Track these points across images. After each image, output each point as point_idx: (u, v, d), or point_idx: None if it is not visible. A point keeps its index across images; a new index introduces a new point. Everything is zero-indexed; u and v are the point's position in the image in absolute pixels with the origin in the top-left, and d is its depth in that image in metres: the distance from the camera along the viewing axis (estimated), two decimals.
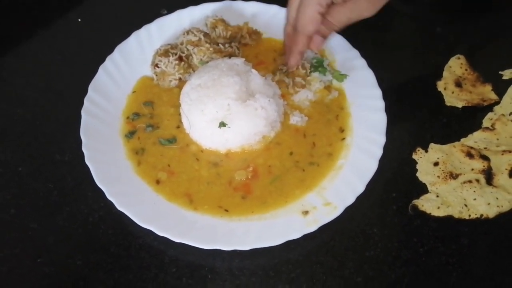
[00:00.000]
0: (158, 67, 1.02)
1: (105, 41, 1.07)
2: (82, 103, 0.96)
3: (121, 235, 0.86)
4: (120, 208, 0.84)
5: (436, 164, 0.93)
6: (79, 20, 1.19)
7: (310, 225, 0.82)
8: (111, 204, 0.85)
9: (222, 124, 0.89)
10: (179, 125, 0.97)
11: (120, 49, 1.05)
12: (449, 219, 0.86)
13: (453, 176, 0.91)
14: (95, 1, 1.23)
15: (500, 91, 1.02)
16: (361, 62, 1.02)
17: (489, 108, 1.01)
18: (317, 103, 1.00)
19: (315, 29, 0.92)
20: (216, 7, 1.12)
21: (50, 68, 1.11)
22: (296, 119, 0.96)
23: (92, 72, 1.01)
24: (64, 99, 1.04)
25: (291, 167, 0.91)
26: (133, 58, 1.05)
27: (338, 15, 0.91)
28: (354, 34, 1.05)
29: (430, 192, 0.90)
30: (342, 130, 0.95)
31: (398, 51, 1.12)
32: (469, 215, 0.87)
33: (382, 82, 0.99)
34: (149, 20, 1.10)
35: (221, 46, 1.03)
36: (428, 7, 1.22)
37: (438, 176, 0.91)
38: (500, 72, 1.05)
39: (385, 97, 0.97)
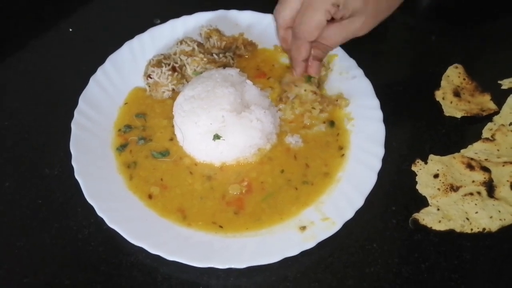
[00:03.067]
0: (150, 77, 1.00)
1: (96, 51, 1.05)
2: (73, 115, 0.93)
3: (112, 253, 0.83)
4: (111, 224, 0.80)
5: (436, 176, 0.91)
6: (70, 30, 1.17)
7: (308, 241, 0.80)
8: (101, 220, 0.82)
9: (217, 137, 0.87)
10: (172, 138, 0.94)
11: (112, 59, 1.02)
12: (450, 233, 0.84)
13: (454, 188, 0.89)
14: (87, 11, 1.21)
15: (499, 101, 1.01)
16: (358, 72, 1.00)
17: (489, 118, 0.99)
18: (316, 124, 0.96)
19: (318, 35, 0.88)
20: (210, 16, 1.10)
21: (40, 79, 1.08)
22: (290, 140, 0.94)
23: (83, 83, 0.99)
24: (54, 111, 1.01)
25: (283, 185, 0.88)
26: (125, 69, 1.03)
27: (333, 35, 0.89)
28: (350, 43, 1.04)
29: (430, 205, 0.88)
30: (341, 148, 0.93)
31: (395, 60, 1.10)
32: (471, 229, 0.84)
33: (379, 92, 0.97)
34: (142, 30, 1.08)
35: (215, 56, 1.01)
36: (424, 16, 1.21)
37: (439, 189, 0.89)
38: (499, 82, 1.04)
39: (382, 107, 0.95)
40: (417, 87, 1.05)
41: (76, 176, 0.85)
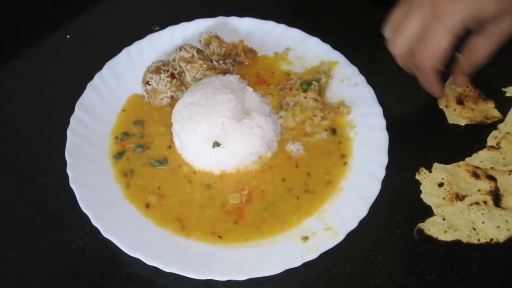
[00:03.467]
0: (149, 84, 0.98)
1: (94, 58, 1.03)
2: (69, 123, 0.91)
3: (107, 264, 0.80)
4: (106, 235, 0.78)
5: (441, 185, 0.88)
6: (68, 37, 1.16)
7: (311, 252, 0.77)
8: (97, 230, 0.79)
9: (216, 144, 0.85)
10: (171, 145, 0.92)
11: (110, 66, 1.01)
12: (457, 243, 0.81)
13: (459, 197, 0.87)
14: (85, 18, 1.20)
15: (503, 109, 0.99)
16: (360, 79, 0.98)
17: (493, 126, 0.97)
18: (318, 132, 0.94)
19: (441, 62, 0.80)
20: (210, 23, 1.09)
21: (36, 86, 1.06)
22: (292, 148, 0.91)
23: (80, 90, 0.97)
24: (50, 119, 0.99)
25: (284, 194, 0.86)
26: (123, 76, 1.01)
27: (481, 48, 0.80)
28: (351, 50, 1.03)
29: (435, 215, 0.85)
30: (343, 156, 0.90)
31: (396, 68, 1.08)
32: (478, 240, 0.82)
33: (381, 99, 0.96)
34: (141, 37, 1.06)
35: (215, 63, 1.00)
36: None
37: (444, 198, 0.87)
38: (503, 89, 1.02)
39: (385, 115, 0.93)
40: (420, 95, 1.03)
41: (71, 185, 0.83)
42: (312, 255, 0.77)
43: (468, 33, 0.79)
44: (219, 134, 0.85)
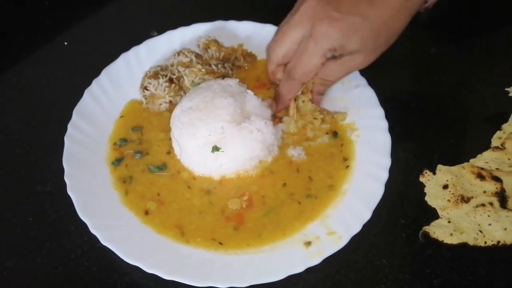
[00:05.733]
0: (147, 89, 0.97)
1: (92, 65, 1.02)
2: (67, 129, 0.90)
3: (106, 273, 0.78)
4: (104, 242, 0.76)
5: (445, 187, 0.87)
6: (66, 43, 1.15)
7: (314, 257, 0.75)
8: (95, 238, 0.78)
9: (216, 149, 0.83)
10: (170, 151, 0.91)
11: (107, 71, 1.00)
12: (463, 246, 0.80)
13: (465, 199, 0.85)
14: (82, 25, 1.19)
15: (507, 109, 0.97)
16: (361, 81, 0.97)
17: (497, 126, 0.95)
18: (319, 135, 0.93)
19: (314, 76, 0.89)
20: (208, 27, 1.08)
21: (33, 93, 1.05)
22: (293, 152, 0.90)
23: (78, 96, 0.96)
24: (47, 126, 0.98)
25: (286, 199, 0.84)
26: (121, 81, 1.00)
27: (334, 72, 0.88)
28: None
29: (441, 218, 0.83)
30: (345, 159, 0.89)
31: (397, 69, 1.07)
32: (485, 242, 0.80)
33: (382, 101, 0.94)
34: (139, 42, 1.05)
35: (213, 67, 0.98)
36: (424, 26, 1.18)
37: (449, 200, 0.85)
38: (507, 89, 1.00)
39: (387, 116, 0.91)
40: (422, 96, 1.02)
41: (69, 192, 0.81)
42: (315, 260, 0.75)
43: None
44: (218, 139, 0.84)
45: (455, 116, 0.98)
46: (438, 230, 0.81)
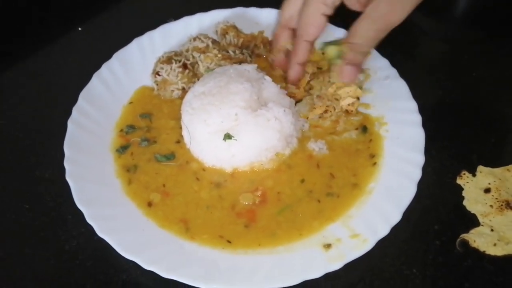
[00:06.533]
0: (159, 75, 0.90)
1: (106, 51, 0.96)
2: None
3: (101, 268, 0.71)
4: (101, 234, 0.69)
5: (487, 190, 0.76)
6: (80, 29, 1.10)
7: (334, 262, 0.66)
8: (93, 230, 0.70)
9: (228, 136, 0.76)
10: (179, 140, 0.84)
11: (119, 56, 0.94)
12: (510, 259, 0.69)
13: (511, 205, 0.75)
14: (97, 12, 1.14)
15: None
16: (392, 72, 0.88)
17: None
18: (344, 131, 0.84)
19: (317, 34, 0.80)
20: (227, 14, 1.01)
21: (42, 78, 1.00)
22: (313, 146, 0.82)
23: (87, 82, 0.90)
24: (54, 111, 0.92)
25: (304, 197, 0.76)
26: (133, 67, 0.94)
27: (362, 30, 0.75)
28: (382, 42, 0.93)
29: (482, 225, 0.73)
30: (372, 156, 0.80)
31: (433, 61, 0.98)
32: None
33: (415, 94, 0.85)
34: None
35: (231, 52, 0.91)
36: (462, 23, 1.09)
37: (491, 206, 0.75)
38: None
39: (420, 111, 0.82)
40: (459, 90, 0.92)
41: (67, 178, 0.75)
42: (336, 265, 0.66)
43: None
44: (231, 126, 0.76)
45: (497, 113, 0.88)
46: (479, 239, 0.71)
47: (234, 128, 0.76)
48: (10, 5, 1.14)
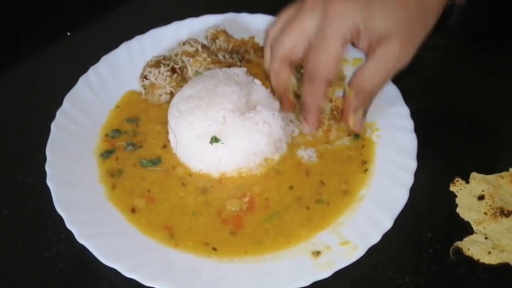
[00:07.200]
0: (147, 79, 0.88)
1: (96, 56, 0.94)
2: None
3: (81, 277, 0.68)
4: (80, 240, 0.67)
5: (481, 197, 0.74)
6: (69, 34, 1.09)
7: (322, 270, 0.64)
8: (73, 236, 0.67)
9: (214, 140, 0.73)
10: (166, 145, 0.81)
11: (106, 60, 0.92)
12: (505, 268, 0.67)
13: (505, 213, 0.72)
14: (87, 16, 1.13)
15: None
16: None
17: None
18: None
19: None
20: (218, 19, 1.00)
21: (29, 82, 0.98)
22: (302, 154, 0.80)
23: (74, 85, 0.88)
24: (39, 115, 0.90)
25: (292, 204, 0.74)
26: (120, 71, 0.92)
27: (367, 74, 0.70)
28: None
29: (476, 233, 0.71)
30: (364, 162, 0.78)
31: (425, 64, 0.96)
32: None
33: (408, 100, 0.83)
34: None
35: (220, 57, 0.90)
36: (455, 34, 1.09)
37: (485, 213, 0.73)
38: None
39: (413, 116, 0.81)
40: (453, 96, 0.91)
41: (48, 182, 0.72)
42: (325, 273, 0.63)
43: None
44: (219, 129, 0.74)
45: (491, 119, 0.86)
46: (473, 247, 0.69)
47: (222, 131, 0.74)
48: None
